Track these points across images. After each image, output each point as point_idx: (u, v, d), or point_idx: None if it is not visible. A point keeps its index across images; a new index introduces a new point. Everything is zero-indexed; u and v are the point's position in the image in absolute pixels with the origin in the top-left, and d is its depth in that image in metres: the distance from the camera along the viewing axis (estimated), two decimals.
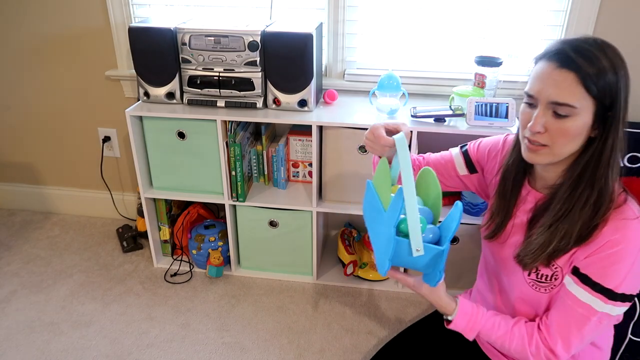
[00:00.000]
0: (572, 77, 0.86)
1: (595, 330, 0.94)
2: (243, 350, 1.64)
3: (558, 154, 0.93)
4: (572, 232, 0.93)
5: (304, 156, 1.89)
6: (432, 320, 1.34)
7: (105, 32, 1.97)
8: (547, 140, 0.91)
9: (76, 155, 2.28)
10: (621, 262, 0.89)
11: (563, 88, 0.87)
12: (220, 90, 1.69)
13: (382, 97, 1.67)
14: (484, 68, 1.65)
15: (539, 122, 0.90)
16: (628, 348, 1.42)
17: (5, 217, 2.39)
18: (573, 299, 0.94)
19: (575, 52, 0.86)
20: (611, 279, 0.90)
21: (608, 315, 0.93)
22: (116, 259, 2.09)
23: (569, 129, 0.89)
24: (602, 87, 0.86)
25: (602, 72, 0.85)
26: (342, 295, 1.89)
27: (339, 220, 2.18)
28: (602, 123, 0.89)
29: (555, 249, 0.95)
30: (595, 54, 0.86)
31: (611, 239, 0.90)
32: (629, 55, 1.66)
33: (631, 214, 0.90)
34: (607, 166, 0.91)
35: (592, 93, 0.86)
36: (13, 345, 1.65)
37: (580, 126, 0.89)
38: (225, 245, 1.96)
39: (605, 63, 0.86)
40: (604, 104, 0.87)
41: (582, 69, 0.85)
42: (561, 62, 0.87)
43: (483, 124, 1.58)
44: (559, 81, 0.87)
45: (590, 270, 0.92)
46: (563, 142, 0.91)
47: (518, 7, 1.70)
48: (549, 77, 0.88)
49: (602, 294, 0.91)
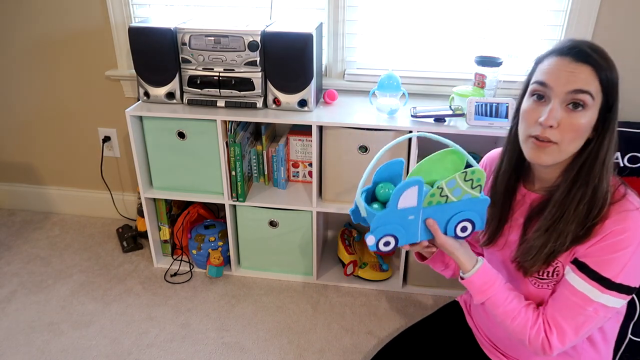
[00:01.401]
0: (589, 70, 0.89)
1: (591, 322, 0.93)
2: (243, 350, 1.64)
3: (564, 151, 0.93)
4: (568, 232, 0.94)
5: (304, 156, 1.89)
6: (432, 320, 1.34)
7: (105, 32, 1.97)
8: (556, 136, 0.92)
9: (76, 155, 2.28)
10: (621, 252, 0.89)
11: (582, 78, 0.89)
12: (220, 90, 1.69)
13: (382, 97, 1.67)
14: (484, 68, 1.65)
15: (554, 115, 0.90)
16: (628, 348, 1.42)
17: (5, 217, 2.39)
18: (570, 288, 0.94)
19: (589, 48, 0.90)
20: (609, 268, 0.90)
21: (604, 307, 0.92)
22: (116, 259, 2.09)
23: (580, 124, 0.90)
24: (612, 83, 0.90)
25: (611, 68, 0.90)
26: (342, 295, 1.89)
27: (339, 220, 2.18)
28: (602, 123, 0.92)
29: (552, 250, 0.96)
30: (604, 52, 0.91)
31: (613, 230, 0.90)
32: (629, 55, 1.67)
33: (631, 205, 0.91)
34: (603, 165, 0.93)
35: (604, 88, 0.90)
36: (13, 345, 1.65)
37: (588, 122, 0.91)
38: (225, 245, 1.96)
39: (611, 61, 0.91)
40: (608, 102, 0.91)
41: (598, 63, 0.89)
42: (577, 57, 0.90)
43: (483, 124, 1.58)
44: (576, 73, 0.89)
45: (589, 259, 0.92)
46: (571, 138, 0.92)
47: (518, 7, 1.70)
48: (565, 69, 0.90)
49: (599, 282, 0.91)
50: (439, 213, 0.98)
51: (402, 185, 0.92)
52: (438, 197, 0.97)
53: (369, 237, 0.96)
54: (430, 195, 0.96)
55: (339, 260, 2.01)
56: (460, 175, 0.95)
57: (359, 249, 1.99)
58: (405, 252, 1.83)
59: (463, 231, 1.01)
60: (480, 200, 0.98)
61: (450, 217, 0.99)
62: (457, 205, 0.98)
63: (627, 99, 1.67)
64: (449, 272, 1.22)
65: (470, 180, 0.96)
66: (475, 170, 0.95)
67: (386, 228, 0.96)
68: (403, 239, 0.98)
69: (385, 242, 0.97)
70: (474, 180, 0.96)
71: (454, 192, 0.97)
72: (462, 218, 0.99)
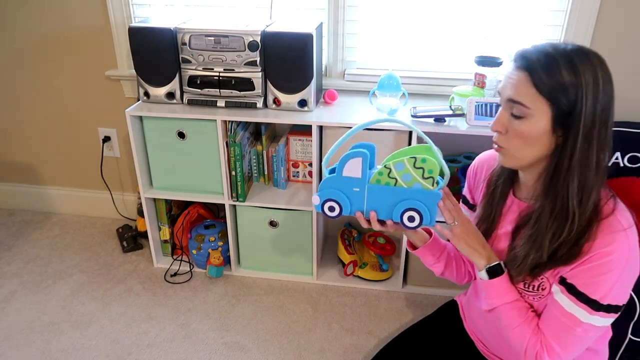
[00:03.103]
0: (524, 77, 0.87)
1: (581, 342, 0.93)
2: (243, 350, 1.64)
3: (518, 156, 0.94)
4: (544, 244, 0.92)
5: (304, 156, 1.89)
6: (432, 320, 1.34)
7: (105, 32, 1.97)
8: (504, 142, 0.93)
9: (76, 155, 2.28)
10: (608, 274, 0.88)
11: (518, 87, 0.88)
12: (220, 90, 1.69)
13: (382, 97, 1.67)
14: (484, 68, 1.65)
15: (499, 120, 0.93)
16: (628, 348, 1.42)
17: (5, 217, 2.39)
18: (559, 309, 0.93)
19: (534, 55, 0.88)
20: (597, 289, 0.89)
21: (593, 327, 0.91)
22: (116, 259, 2.09)
23: (524, 131, 0.90)
24: (556, 91, 0.85)
25: (555, 75, 0.84)
26: (342, 295, 1.89)
27: (339, 220, 2.18)
28: (562, 129, 0.87)
29: (534, 262, 0.94)
30: (554, 58, 0.85)
31: (599, 252, 0.88)
32: (629, 55, 1.67)
33: (619, 225, 0.88)
34: (567, 175, 0.88)
35: (544, 95, 0.86)
36: (13, 345, 1.65)
37: (534, 130, 0.88)
38: (225, 245, 1.96)
39: (564, 68, 0.84)
40: (561, 108, 0.86)
41: (535, 70, 0.86)
42: (517, 62, 0.90)
43: (483, 124, 1.58)
44: (514, 80, 0.89)
45: (577, 280, 0.91)
46: (518, 144, 0.91)
47: (518, 7, 1.70)
48: (509, 76, 0.91)
49: (587, 304, 0.90)
50: (385, 194, 1.01)
51: (348, 154, 0.99)
52: (387, 178, 1.00)
53: (314, 196, 1.05)
54: (379, 174, 1.00)
55: (339, 260, 2.01)
56: (409, 160, 0.97)
57: (359, 249, 1.99)
58: (405, 252, 1.83)
59: (410, 221, 1.02)
60: (429, 192, 0.99)
61: (397, 202, 1.01)
62: (405, 192, 1.00)
63: (627, 99, 1.68)
64: (439, 268, 1.20)
65: (421, 169, 0.97)
66: (426, 159, 0.96)
67: (330, 192, 1.04)
68: (347, 208, 1.04)
69: (330, 207, 1.06)
70: (425, 170, 0.97)
71: (404, 177, 0.99)
72: (409, 206, 1.01)
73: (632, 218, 0.91)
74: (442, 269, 1.20)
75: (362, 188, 1.02)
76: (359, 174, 1.00)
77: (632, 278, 0.92)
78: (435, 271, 1.22)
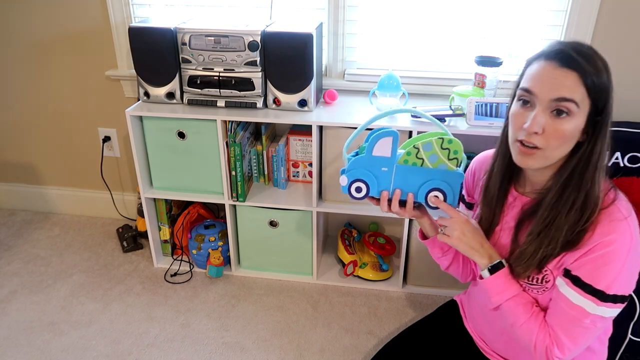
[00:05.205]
0: (574, 76, 0.87)
1: (590, 333, 0.94)
2: (243, 350, 1.64)
3: (550, 157, 0.93)
4: (559, 237, 0.93)
5: (304, 156, 1.89)
6: (431, 320, 1.34)
7: (105, 32, 1.97)
8: (541, 142, 0.92)
9: (76, 155, 2.28)
10: (612, 263, 0.89)
11: (567, 86, 0.88)
12: (220, 90, 1.69)
13: (382, 97, 1.67)
14: (484, 68, 1.65)
15: (538, 121, 0.90)
16: (628, 348, 1.42)
17: (5, 217, 2.39)
18: (565, 301, 0.94)
19: (575, 52, 0.88)
20: (602, 280, 0.90)
21: (601, 318, 0.92)
22: (116, 259, 2.09)
23: (565, 131, 0.90)
24: (599, 88, 0.88)
25: (599, 72, 0.88)
26: (342, 295, 1.89)
27: (339, 220, 2.18)
28: (592, 127, 0.91)
29: (544, 255, 0.95)
30: (591, 55, 0.89)
31: (601, 241, 0.89)
32: (629, 55, 1.67)
33: (619, 215, 0.90)
34: (595, 169, 0.92)
35: (591, 93, 0.88)
36: (13, 345, 1.65)
37: (574, 128, 0.90)
38: (225, 245, 1.96)
39: (600, 64, 0.88)
40: (597, 107, 0.89)
41: (584, 68, 0.87)
42: (563, 62, 0.88)
43: (483, 124, 1.58)
44: (561, 80, 0.88)
45: (581, 272, 0.92)
46: (556, 144, 0.91)
47: (518, 7, 1.70)
48: (550, 75, 0.89)
49: (594, 295, 0.91)
50: (412, 174, 1.02)
51: (379, 134, 0.99)
52: (414, 158, 1.01)
53: (342, 177, 1.04)
54: (407, 154, 1.01)
55: (339, 260, 2.01)
56: (437, 140, 0.99)
57: (359, 249, 1.99)
58: (405, 252, 1.83)
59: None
60: (455, 173, 1.01)
61: (423, 183, 1.02)
62: (431, 172, 1.01)
63: (626, 99, 1.68)
64: (445, 261, 1.21)
65: (447, 150, 0.99)
66: (453, 140, 0.99)
67: (359, 172, 1.03)
68: (374, 188, 1.04)
69: (357, 188, 1.04)
70: (451, 151, 1.00)
71: (430, 158, 1.01)
72: (434, 186, 1.02)
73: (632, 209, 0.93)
74: (448, 263, 1.21)
75: (391, 168, 1.03)
76: (389, 153, 1.01)
77: (636, 267, 0.93)
78: (441, 264, 1.23)
